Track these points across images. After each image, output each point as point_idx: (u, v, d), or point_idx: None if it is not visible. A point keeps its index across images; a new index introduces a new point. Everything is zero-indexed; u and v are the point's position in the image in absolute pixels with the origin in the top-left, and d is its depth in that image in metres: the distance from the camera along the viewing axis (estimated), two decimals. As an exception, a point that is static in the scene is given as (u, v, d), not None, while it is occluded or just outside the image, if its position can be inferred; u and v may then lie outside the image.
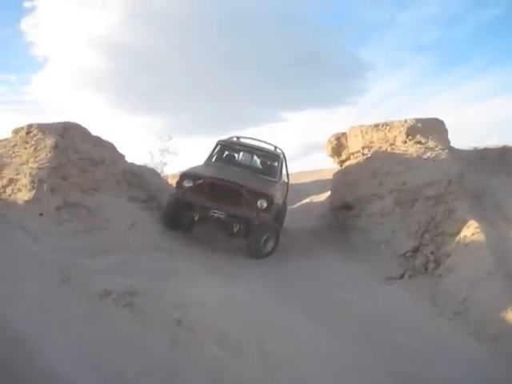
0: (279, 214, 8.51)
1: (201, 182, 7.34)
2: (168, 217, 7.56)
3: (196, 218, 7.30)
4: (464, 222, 7.00)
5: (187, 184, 7.40)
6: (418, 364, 4.61)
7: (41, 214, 6.05)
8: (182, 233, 7.60)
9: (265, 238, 7.43)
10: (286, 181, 9.55)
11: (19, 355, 3.30)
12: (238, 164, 9.01)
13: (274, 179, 8.52)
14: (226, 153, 9.30)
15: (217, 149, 9.14)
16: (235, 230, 7.31)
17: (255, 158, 9.46)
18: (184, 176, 7.61)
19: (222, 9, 39.84)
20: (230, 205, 7.21)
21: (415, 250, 7.28)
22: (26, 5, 46.43)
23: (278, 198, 8.19)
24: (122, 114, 52.50)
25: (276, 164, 8.99)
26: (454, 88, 50.94)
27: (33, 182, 6.34)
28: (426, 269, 6.94)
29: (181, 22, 39.21)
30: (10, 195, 6.34)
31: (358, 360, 4.43)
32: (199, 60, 41.22)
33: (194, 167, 8.28)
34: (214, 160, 8.99)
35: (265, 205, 7.25)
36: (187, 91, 45.74)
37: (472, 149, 9.99)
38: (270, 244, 7.53)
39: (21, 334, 3.53)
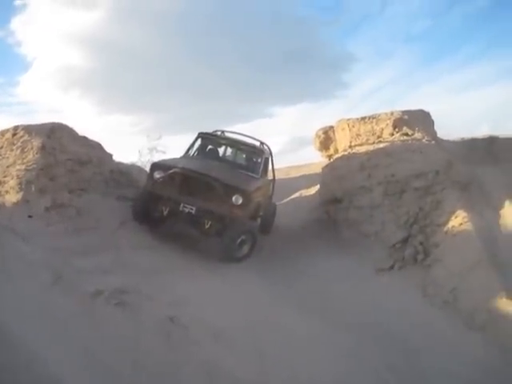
0: (260, 213, 7.94)
1: (171, 172, 6.75)
2: (136, 210, 7.07)
3: (165, 213, 6.79)
4: (452, 212, 7.06)
5: (157, 175, 6.86)
6: (412, 355, 4.70)
7: (30, 216, 6.00)
8: (172, 230, 7.41)
9: (240, 239, 6.76)
10: (271, 178, 9.12)
11: (13, 355, 3.28)
12: (220, 159, 8.56)
13: (255, 175, 7.90)
14: (209, 147, 8.75)
15: (198, 141, 8.62)
16: (206, 227, 6.72)
17: (238, 153, 8.97)
18: (154, 166, 7.09)
19: (209, 6, 39.72)
20: (201, 199, 6.66)
21: (404, 241, 7.33)
22: (17, 3, 45.77)
23: (259, 196, 7.54)
24: (110, 112, 52.14)
25: (259, 160, 8.32)
26: (443, 78, 51.32)
27: (20, 183, 6.29)
28: (416, 259, 6.99)
29: (167, 20, 39.17)
30: (-3, 197, 6.28)
31: (354, 352, 4.50)
32: (187, 58, 41.22)
33: (168, 159, 7.88)
34: (193, 153, 8.51)
35: (240, 201, 6.62)
36: (175, 89, 45.62)
37: (459, 139, 10.10)
38: (246, 247, 6.87)
39: (14, 335, 3.52)
